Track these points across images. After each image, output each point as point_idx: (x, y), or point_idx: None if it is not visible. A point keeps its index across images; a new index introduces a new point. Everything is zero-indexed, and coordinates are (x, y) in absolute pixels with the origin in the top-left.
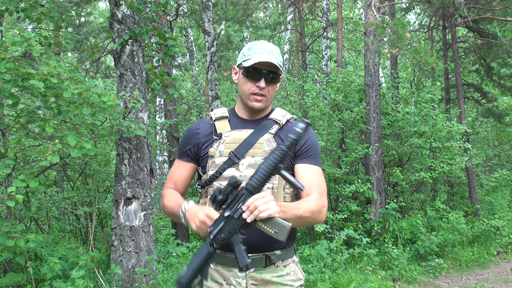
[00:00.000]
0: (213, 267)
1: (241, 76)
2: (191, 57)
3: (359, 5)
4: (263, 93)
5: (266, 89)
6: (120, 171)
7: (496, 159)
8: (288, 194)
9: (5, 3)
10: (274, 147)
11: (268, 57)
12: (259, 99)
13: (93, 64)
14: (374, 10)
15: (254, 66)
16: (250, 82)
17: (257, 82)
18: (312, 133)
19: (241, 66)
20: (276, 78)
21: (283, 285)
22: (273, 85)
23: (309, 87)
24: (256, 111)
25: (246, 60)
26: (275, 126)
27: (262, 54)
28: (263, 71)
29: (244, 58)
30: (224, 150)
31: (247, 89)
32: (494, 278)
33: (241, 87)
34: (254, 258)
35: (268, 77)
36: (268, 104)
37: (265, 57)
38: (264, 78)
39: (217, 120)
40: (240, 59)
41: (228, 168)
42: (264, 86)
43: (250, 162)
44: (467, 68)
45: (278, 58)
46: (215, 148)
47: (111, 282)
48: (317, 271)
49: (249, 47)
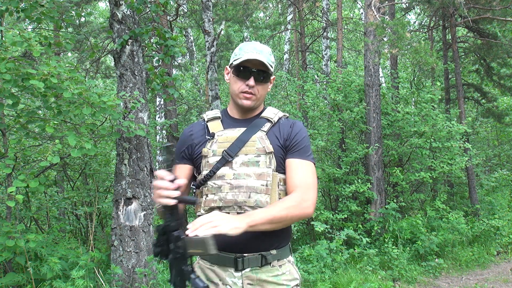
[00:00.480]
0: (209, 267)
1: (231, 75)
2: (191, 57)
3: (359, 5)
4: (252, 92)
5: (255, 87)
6: (120, 171)
7: (496, 159)
8: (283, 191)
9: (5, 3)
10: (266, 144)
11: (257, 56)
12: (248, 97)
13: (93, 64)
14: (374, 10)
15: (244, 64)
16: (240, 81)
17: (247, 81)
18: (300, 127)
19: (232, 65)
20: (266, 78)
21: (279, 284)
22: (263, 84)
23: (309, 87)
24: (247, 110)
25: (237, 59)
26: (267, 124)
27: (252, 53)
28: (253, 69)
29: (234, 58)
30: (217, 149)
31: (237, 88)
32: (494, 278)
33: (231, 86)
34: (250, 257)
35: (257, 76)
36: (259, 104)
37: (254, 55)
38: (254, 77)
39: (209, 121)
40: (232, 59)
41: (222, 167)
42: (253, 84)
43: (244, 160)
44: (467, 68)
45: (268, 58)
46: (208, 148)
47: (111, 282)
48: (317, 271)
49: (241, 47)
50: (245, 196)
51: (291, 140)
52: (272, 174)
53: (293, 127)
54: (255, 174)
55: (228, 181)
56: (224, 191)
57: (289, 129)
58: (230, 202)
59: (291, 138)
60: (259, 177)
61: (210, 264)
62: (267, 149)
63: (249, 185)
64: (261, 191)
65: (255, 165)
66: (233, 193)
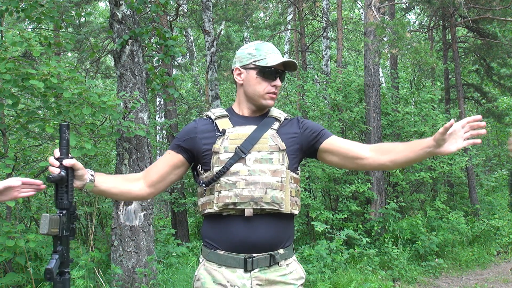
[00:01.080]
0: (216, 269)
1: (253, 76)
2: (191, 57)
3: (359, 5)
4: (276, 92)
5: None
6: (120, 171)
7: (496, 159)
8: (293, 189)
9: (5, 3)
10: (279, 142)
11: (285, 57)
12: (273, 97)
13: (93, 64)
14: (374, 10)
15: (275, 66)
16: (265, 82)
17: (273, 82)
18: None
19: (252, 66)
20: (284, 77)
21: (286, 284)
22: (281, 83)
23: (309, 87)
24: (260, 109)
25: (259, 60)
26: (276, 123)
27: (275, 54)
28: (279, 70)
29: (255, 59)
30: (229, 146)
31: (262, 89)
32: (494, 278)
33: (253, 87)
34: (259, 258)
35: (281, 77)
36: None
37: (281, 57)
38: (279, 77)
39: (217, 119)
40: (249, 60)
41: (235, 164)
42: (280, 84)
43: (257, 157)
44: (467, 68)
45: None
46: (219, 144)
47: (111, 282)
48: (317, 271)
49: (256, 47)
50: (262, 192)
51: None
52: (286, 171)
53: (299, 119)
54: (269, 171)
55: (243, 177)
56: (240, 187)
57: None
58: (246, 198)
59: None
60: (274, 173)
61: (217, 265)
62: (281, 147)
63: (265, 181)
64: (277, 187)
65: (269, 162)
66: (249, 189)
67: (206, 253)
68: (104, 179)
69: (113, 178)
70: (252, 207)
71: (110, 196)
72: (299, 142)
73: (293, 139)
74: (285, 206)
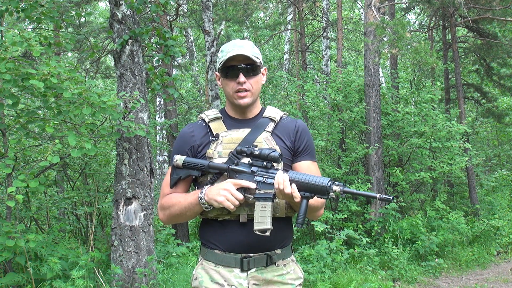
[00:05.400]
0: (213, 268)
1: (222, 79)
2: (191, 57)
3: (359, 5)
4: (245, 88)
5: (247, 83)
6: (120, 171)
7: (496, 159)
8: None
9: (5, 3)
10: (273, 145)
11: (239, 51)
12: (242, 95)
13: (93, 64)
14: (374, 10)
15: (229, 63)
16: (230, 81)
17: (237, 79)
18: (305, 128)
19: (219, 69)
20: (256, 70)
21: (284, 284)
22: (254, 77)
23: (309, 87)
24: (246, 109)
25: (221, 61)
26: (271, 124)
27: (234, 50)
28: (239, 65)
29: (220, 61)
30: (223, 150)
31: (230, 89)
32: (494, 278)
33: (225, 90)
34: (256, 257)
35: (245, 71)
36: (255, 99)
37: (236, 51)
38: (242, 73)
39: (211, 122)
40: (218, 63)
41: None
42: (244, 80)
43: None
44: (467, 68)
45: (252, 50)
46: (213, 149)
47: (111, 282)
48: (317, 271)
49: (222, 49)
50: None
51: (302, 142)
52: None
53: (299, 129)
54: None
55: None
56: None
57: (295, 131)
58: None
59: (302, 141)
60: None
61: (214, 265)
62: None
63: None
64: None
65: None
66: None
67: (204, 252)
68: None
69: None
70: (246, 213)
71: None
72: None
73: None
74: (279, 211)
